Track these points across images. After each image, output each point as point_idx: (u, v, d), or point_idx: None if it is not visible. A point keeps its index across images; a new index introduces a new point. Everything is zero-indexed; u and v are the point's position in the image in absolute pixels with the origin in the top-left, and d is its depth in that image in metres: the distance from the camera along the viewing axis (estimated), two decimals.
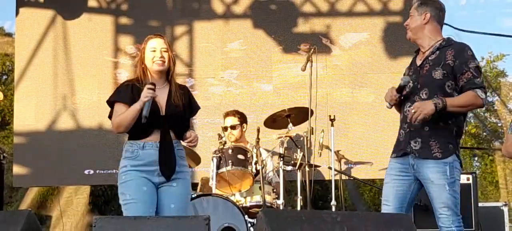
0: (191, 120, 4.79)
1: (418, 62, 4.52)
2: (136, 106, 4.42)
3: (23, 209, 9.30)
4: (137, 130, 4.48)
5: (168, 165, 4.50)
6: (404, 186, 4.48)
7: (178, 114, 4.58)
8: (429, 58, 4.45)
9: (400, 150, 4.48)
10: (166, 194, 4.51)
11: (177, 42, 8.75)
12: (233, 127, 6.89)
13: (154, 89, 4.42)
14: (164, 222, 3.74)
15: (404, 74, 4.63)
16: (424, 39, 4.52)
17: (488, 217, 7.06)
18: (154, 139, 4.49)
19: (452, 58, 4.36)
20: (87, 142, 8.51)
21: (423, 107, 4.24)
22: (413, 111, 4.26)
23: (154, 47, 4.60)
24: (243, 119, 6.99)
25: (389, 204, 4.49)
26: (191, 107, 4.75)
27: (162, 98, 4.55)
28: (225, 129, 6.89)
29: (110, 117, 4.62)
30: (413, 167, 4.43)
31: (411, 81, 4.47)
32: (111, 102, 4.58)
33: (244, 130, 6.98)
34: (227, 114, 7.03)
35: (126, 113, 4.46)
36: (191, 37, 8.77)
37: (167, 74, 4.64)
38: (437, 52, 4.44)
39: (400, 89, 4.46)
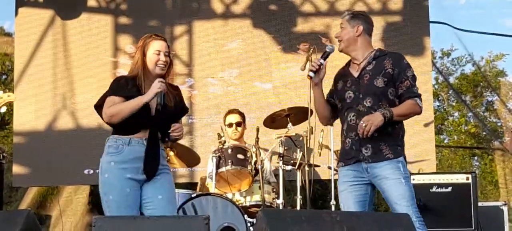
0: (181, 121, 4.73)
1: (355, 74, 4.66)
2: (143, 98, 4.40)
3: (23, 209, 9.28)
4: (126, 125, 4.44)
5: (151, 165, 4.48)
6: (361, 190, 4.59)
7: (168, 117, 4.54)
8: (367, 68, 4.62)
9: (351, 158, 4.59)
10: (152, 188, 4.48)
11: (176, 42, 8.75)
12: (238, 124, 6.90)
13: (164, 82, 4.42)
14: (163, 222, 3.73)
15: (333, 86, 4.76)
16: (357, 51, 4.69)
17: (488, 217, 7.07)
18: (140, 136, 4.47)
19: (392, 67, 4.56)
20: (86, 141, 8.50)
21: (373, 120, 4.41)
22: (364, 125, 4.40)
23: (158, 49, 4.56)
24: (244, 118, 7.01)
25: None
26: (182, 108, 4.73)
27: (154, 100, 4.50)
28: (230, 125, 6.89)
29: (96, 106, 4.57)
30: (366, 170, 4.54)
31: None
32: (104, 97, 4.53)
33: (245, 129, 6.99)
34: (230, 111, 7.03)
35: (127, 104, 4.41)
36: (190, 36, 8.77)
37: (162, 76, 4.61)
38: (374, 62, 4.62)
39: (325, 56, 4.64)
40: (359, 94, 4.57)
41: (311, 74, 4.60)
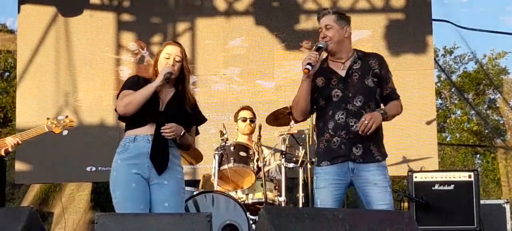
0: (194, 133, 4.77)
1: (342, 73, 4.63)
2: (153, 84, 4.48)
3: (25, 206, 9.31)
4: (133, 119, 4.48)
5: (159, 158, 4.48)
6: (340, 189, 4.60)
7: (176, 114, 4.58)
8: (354, 67, 4.62)
9: (338, 157, 4.57)
10: (159, 192, 4.49)
11: (179, 39, 8.72)
12: (252, 120, 6.93)
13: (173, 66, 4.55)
14: (166, 219, 3.74)
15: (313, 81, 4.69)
16: (343, 51, 4.67)
17: (490, 215, 7.07)
18: (146, 132, 4.49)
19: (378, 67, 4.61)
20: (89, 139, 8.51)
21: (375, 118, 4.44)
22: (366, 122, 4.42)
23: (169, 53, 4.64)
24: (255, 116, 7.04)
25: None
26: (197, 117, 4.77)
27: (165, 96, 4.59)
28: (244, 119, 6.91)
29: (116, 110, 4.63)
30: (352, 171, 4.56)
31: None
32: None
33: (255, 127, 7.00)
34: (244, 108, 7.06)
35: (138, 92, 4.47)
36: (193, 34, 8.78)
37: (177, 82, 4.66)
38: (359, 61, 4.63)
39: (319, 51, 4.60)
40: (348, 93, 4.56)
41: (309, 67, 4.55)
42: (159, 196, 4.49)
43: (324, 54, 4.71)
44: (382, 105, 4.63)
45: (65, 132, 6.02)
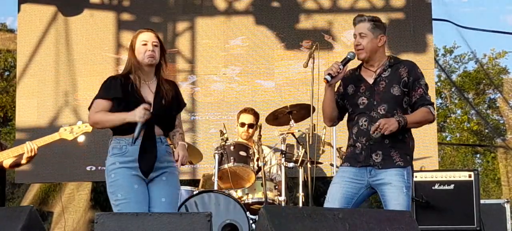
0: (179, 116, 4.73)
1: (370, 80, 4.65)
2: (127, 117, 4.40)
3: (25, 205, 9.29)
4: (124, 126, 4.44)
5: (146, 162, 4.45)
6: (354, 189, 4.60)
7: (165, 111, 4.56)
8: (383, 75, 4.63)
9: (359, 162, 4.60)
10: (157, 188, 4.49)
11: (179, 39, 8.76)
12: (251, 126, 6.90)
13: (149, 110, 4.39)
14: (166, 219, 3.73)
15: (342, 89, 4.75)
16: (375, 59, 4.68)
17: (490, 214, 7.08)
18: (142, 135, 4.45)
19: (407, 75, 4.59)
20: (88, 138, 8.42)
21: (389, 124, 4.41)
22: (380, 126, 4.41)
23: (146, 40, 4.55)
24: (257, 118, 7.00)
25: (334, 203, 4.57)
26: (179, 103, 4.71)
27: (148, 94, 4.53)
28: (242, 125, 6.91)
29: (90, 108, 4.61)
30: (370, 172, 4.57)
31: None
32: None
33: (256, 129, 6.98)
34: (245, 110, 7.03)
35: (111, 118, 4.46)
36: (193, 33, 8.77)
37: (157, 69, 4.61)
38: (389, 69, 4.64)
39: (346, 61, 4.63)
40: (373, 100, 4.59)
41: (328, 78, 4.58)
42: (156, 192, 4.49)
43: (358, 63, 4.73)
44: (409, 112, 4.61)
45: (82, 138, 5.96)
